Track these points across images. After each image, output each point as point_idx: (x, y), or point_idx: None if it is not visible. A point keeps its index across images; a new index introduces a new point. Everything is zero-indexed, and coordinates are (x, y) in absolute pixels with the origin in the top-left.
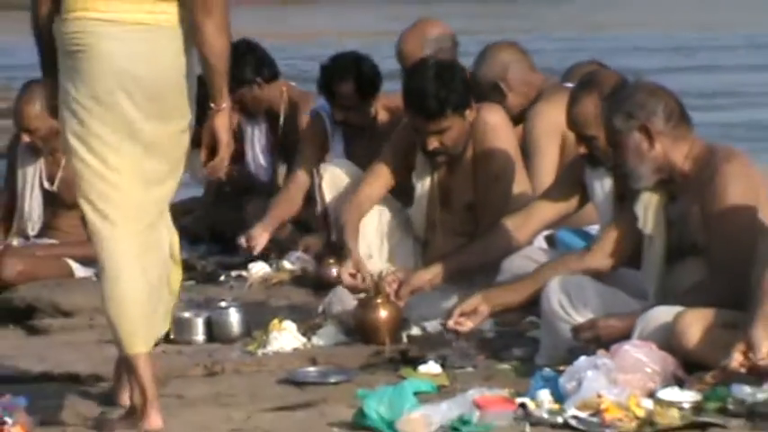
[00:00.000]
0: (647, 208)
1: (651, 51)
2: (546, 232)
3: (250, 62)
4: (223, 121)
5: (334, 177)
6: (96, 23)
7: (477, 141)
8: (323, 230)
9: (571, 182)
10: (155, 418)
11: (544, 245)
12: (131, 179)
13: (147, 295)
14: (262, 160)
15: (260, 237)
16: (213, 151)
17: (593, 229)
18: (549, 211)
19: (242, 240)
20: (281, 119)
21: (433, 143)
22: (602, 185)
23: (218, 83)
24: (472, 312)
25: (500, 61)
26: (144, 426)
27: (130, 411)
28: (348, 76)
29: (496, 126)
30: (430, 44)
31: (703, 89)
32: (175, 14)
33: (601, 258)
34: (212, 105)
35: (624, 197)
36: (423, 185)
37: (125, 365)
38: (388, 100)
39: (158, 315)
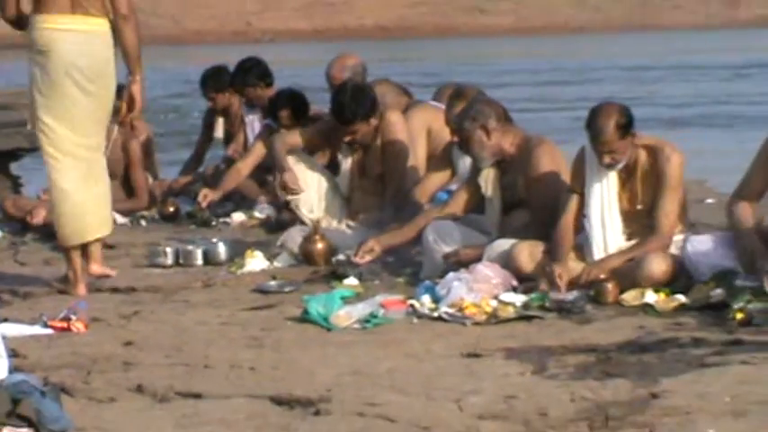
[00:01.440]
0: (487, 180)
1: None
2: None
3: (256, 71)
4: (137, 88)
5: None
6: (57, 31)
7: (383, 133)
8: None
9: (447, 160)
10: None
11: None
12: (70, 133)
13: (80, 208)
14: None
15: (208, 196)
16: (130, 108)
17: None
18: (436, 180)
19: (199, 198)
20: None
21: (348, 138)
22: (464, 163)
23: (132, 65)
24: (369, 250)
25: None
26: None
27: (65, 280)
28: (286, 104)
29: (395, 124)
30: (348, 70)
31: None
32: (106, 25)
33: (455, 208)
34: (129, 78)
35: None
36: (346, 162)
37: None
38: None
39: (88, 223)
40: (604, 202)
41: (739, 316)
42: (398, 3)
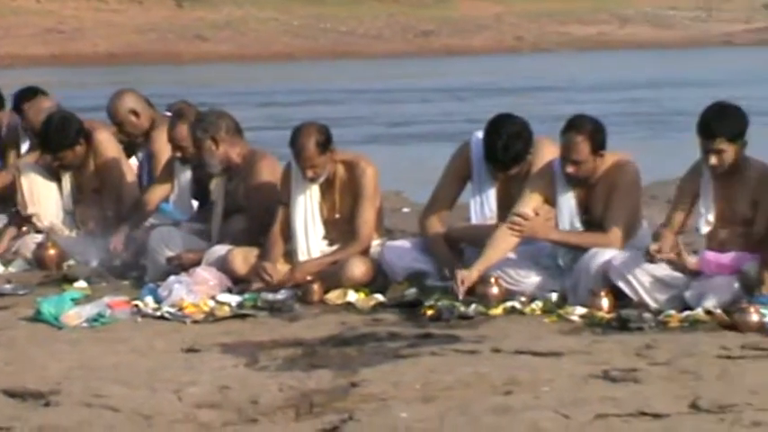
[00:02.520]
0: (217, 186)
1: None
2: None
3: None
4: None
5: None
6: None
7: (95, 153)
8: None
9: (169, 173)
10: None
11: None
12: None
13: None
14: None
15: None
16: None
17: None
18: (160, 191)
19: None
20: None
21: (56, 164)
22: (185, 176)
23: None
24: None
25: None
26: None
27: None
28: None
29: (104, 142)
30: (44, 112)
31: None
32: None
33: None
34: None
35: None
36: (65, 180)
37: None
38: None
39: None
40: (308, 212)
41: (430, 312)
42: (128, 30)
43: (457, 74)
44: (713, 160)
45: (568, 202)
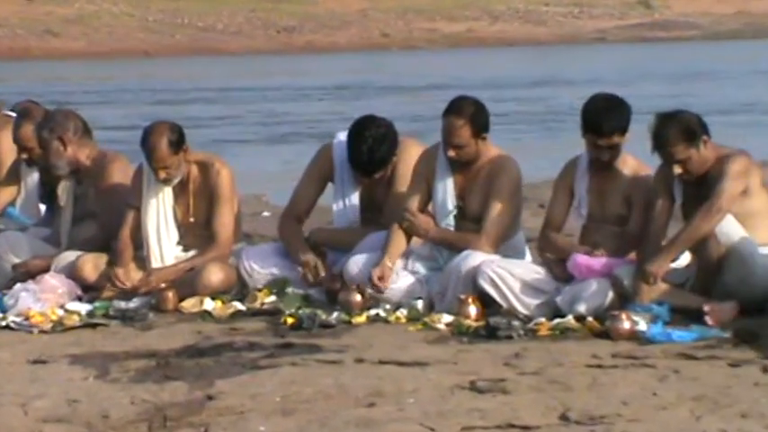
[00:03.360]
0: (63, 190)
1: None
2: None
3: None
4: None
5: None
6: None
7: None
8: None
9: (14, 176)
10: None
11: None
12: None
13: None
14: None
15: None
16: None
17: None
18: (5, 194)
19: None
20: None
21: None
22: (32, 178)
23: None
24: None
25: None
26: None
27: None
28: None
29: None
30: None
31: None
32: None
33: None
34: None
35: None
36: None
37: None
38: None
39: None
40: (160, 216)
41: (290, 321)
42: None
43: (322, 72)
44: (605, 156)
45: (445, 185)
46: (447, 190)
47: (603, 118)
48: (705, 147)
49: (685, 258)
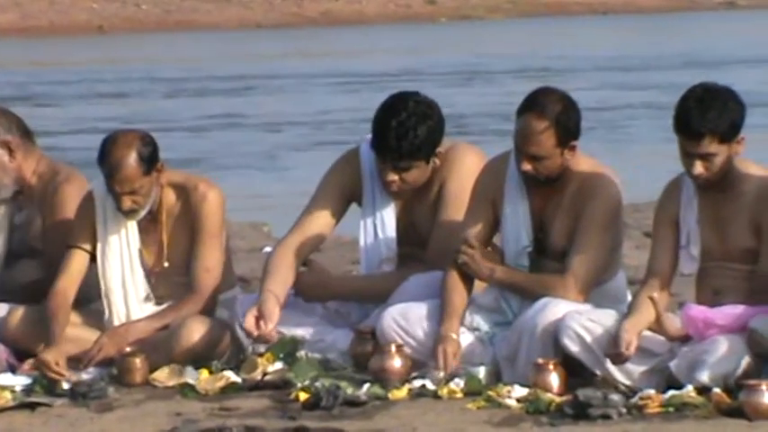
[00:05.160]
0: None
1: None
2: None
3: None
4: None
5: None
6: None
7: None
8: None
9: None
10: None
11: None
12: None
13: None
14: None
15: None
16: None
17: None
18: None
19: None
20: None
21: None
22: None
23: None
24: None
25: None
26: None
27: None
28: None
29: None
30: None
31: None
32: None
33: None
34: None
35: None
36: None
37: None
38: None
39: None
40: (124, 261)
41: (304, 396)
42: None
43: (356, 52)
44: (698, 168)
45: (518, 210)
46: (520, 217)
47: (695, 114)
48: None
49: None
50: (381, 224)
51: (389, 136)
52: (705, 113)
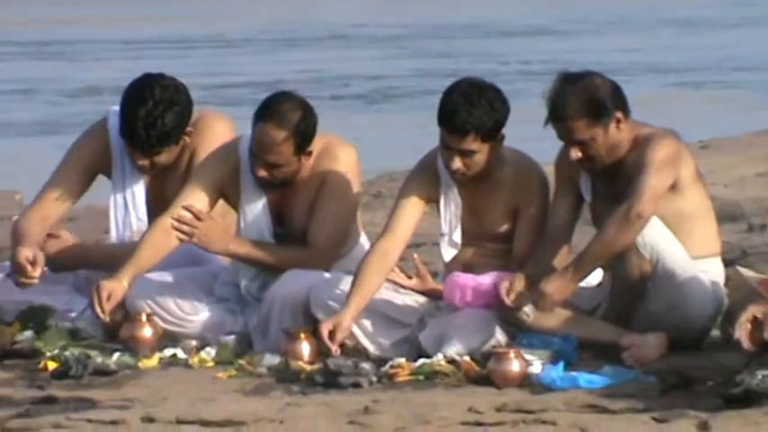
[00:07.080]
0: None
1: None
2: None
3: None
4: None
5: None
6: None
7: None
8: None
9: None
10: None
11: None
12: None
13: None
14: None
15: None
16: None
17: None
18: None
19: None
20: None
21: None
22: None
23: None
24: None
25: None
26: None
27: None
28: None
29: None
30: None
31: None
32: None
33: None
34: None
35: None
36: None
37: None
38: None
39: None
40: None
41: (52, 365)
42: None
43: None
44: (456, 164)
45: (256, 207)
46: (259, 214)
47: (461, 110)
48: (618, 127)
49: (596, 276)
50: (132, 197)
51: (137, 126)
52: (472, 111)
